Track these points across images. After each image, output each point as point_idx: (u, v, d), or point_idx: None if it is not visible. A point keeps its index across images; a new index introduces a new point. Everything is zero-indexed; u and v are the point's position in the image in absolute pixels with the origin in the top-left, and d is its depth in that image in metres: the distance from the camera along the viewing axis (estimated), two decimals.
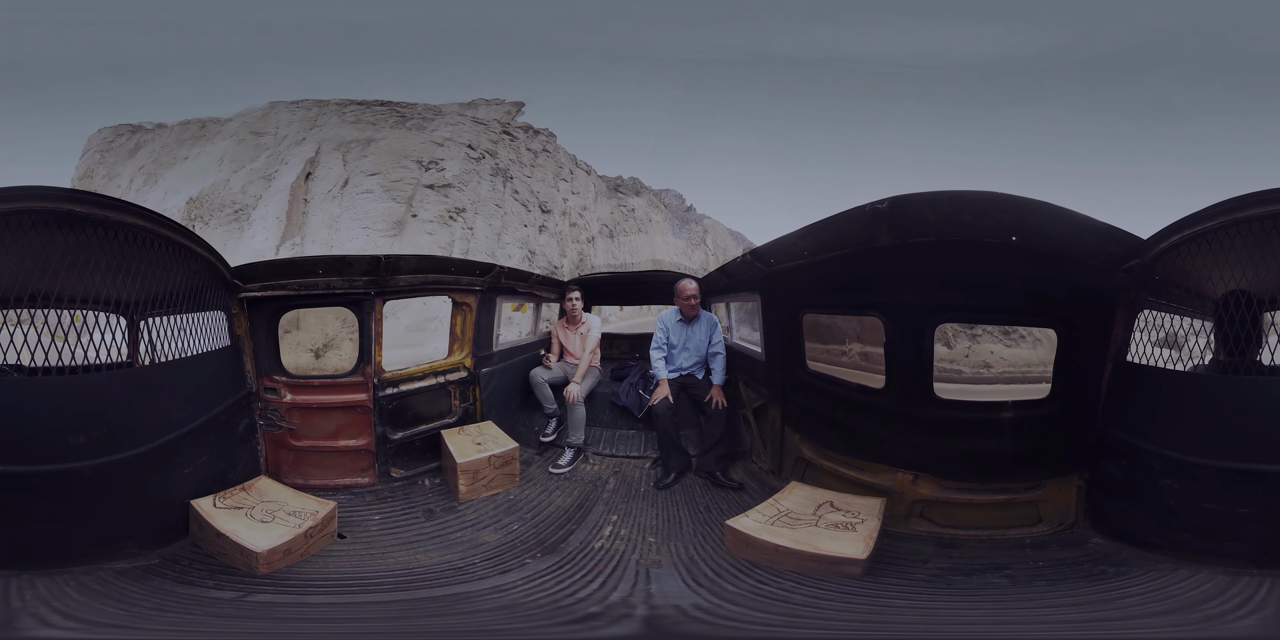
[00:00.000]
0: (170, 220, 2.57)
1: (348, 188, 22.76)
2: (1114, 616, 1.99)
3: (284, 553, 2.55)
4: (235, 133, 26.40)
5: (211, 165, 25.24)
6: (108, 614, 1.97)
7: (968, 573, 2.47)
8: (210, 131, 27.56)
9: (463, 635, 2.12)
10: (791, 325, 3.49)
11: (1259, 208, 2.07)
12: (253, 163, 24.52)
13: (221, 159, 25.26)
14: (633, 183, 39.89)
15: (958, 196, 2.30)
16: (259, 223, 22.00)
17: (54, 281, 2.25)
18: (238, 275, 3.26)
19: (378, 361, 3.70)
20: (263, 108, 27.20)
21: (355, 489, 3.60)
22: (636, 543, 2.96)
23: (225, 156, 25.30)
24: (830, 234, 2.73)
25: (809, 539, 2.57)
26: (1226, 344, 2.33)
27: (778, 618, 2.15)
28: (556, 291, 5.59)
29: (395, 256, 3.57)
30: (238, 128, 26.70)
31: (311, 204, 22.50)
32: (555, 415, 4.63)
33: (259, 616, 2.17)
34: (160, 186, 25.65)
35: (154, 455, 2.48)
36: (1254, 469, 2.06)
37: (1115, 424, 2.55)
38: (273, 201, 22.29)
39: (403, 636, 2.13)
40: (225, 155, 25.38)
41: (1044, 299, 2.62)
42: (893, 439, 2.91)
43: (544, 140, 30.08)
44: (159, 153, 27.80)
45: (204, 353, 2.94)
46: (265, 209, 22.23)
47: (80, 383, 2.32)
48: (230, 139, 26.17)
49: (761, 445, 3.92)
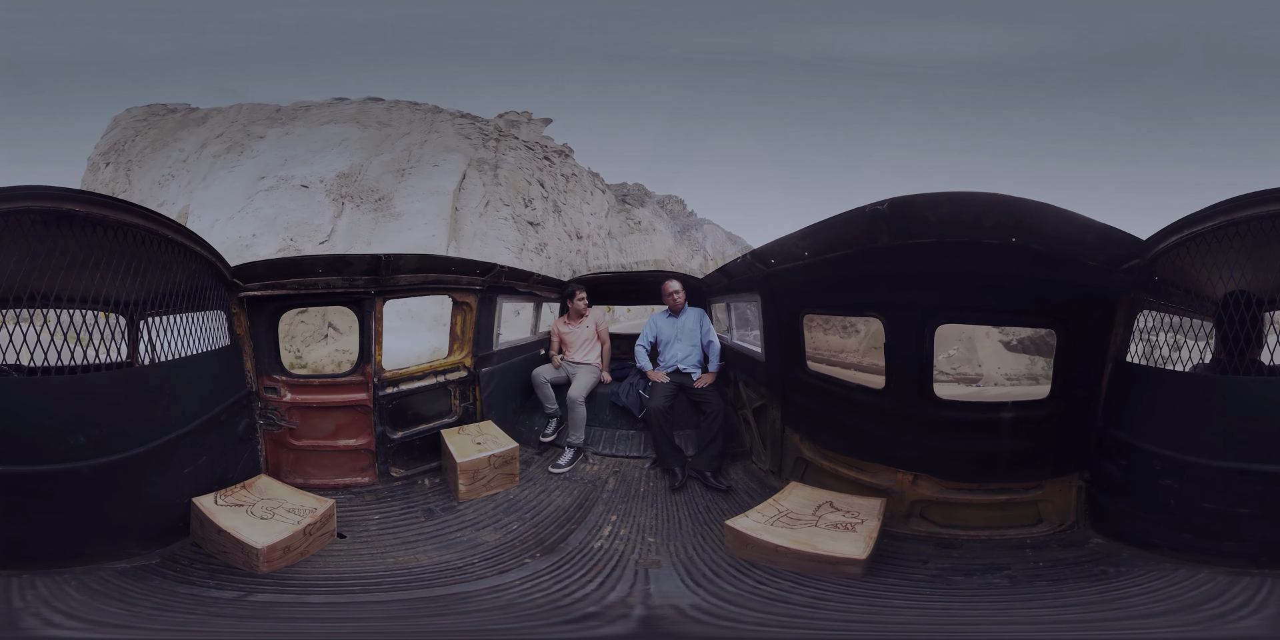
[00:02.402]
0: (170, 220, 2.57)
1: (489, 208, 25.21)
2: (1114, 617, 1.99)
3: (284, 550, 2.55)
4: (354, 118, 27.25)
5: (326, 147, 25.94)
6: (109, 614, 1.97)
7: (968, 573, 2.47)
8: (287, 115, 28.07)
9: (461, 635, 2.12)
10: (792, 325, 3.49)
11: (1258, 208, 2.07)
12: (379, 155, 25.49)
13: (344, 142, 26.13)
14: (637, 190, 40.46)
15: (958, 197, 2.30)
16: (412, 218, 23.32)
17: (54, 281, 2.25)
18: (237, 275, 3.26)
19: (378, 361, 3.71)
20: (387, 102, 28.23)
21: (355, 488, 3.60)
22: (636, 543, 2.96)
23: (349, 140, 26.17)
24: (831, 234, 2.73)
25: (809, 539, 2.57)
26: (1226, 344, 2.33)
27: (776, 618, 2.15)
28: (557, 291, 5.59)
29: (395, 255, 3.57)
30: (354, 113, 27.56)
31: (461, 214, 24.43)
32: (556, 415, 4.64)
33: (259, 616, 2.18)
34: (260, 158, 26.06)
35: (154, 455, 2.49)
36: (1254, 469, 2.05)
37: (1115, 424, 2.55)
38: (430, 201, 23.85)
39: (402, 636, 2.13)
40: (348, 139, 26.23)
41: (1044, 299, 2.62)
42: (893, 439, 2.91)
43: (573, 164, 31.64)
44: (225, 127, 28.12)
45: (204, 352, 2.94)
46: (419, 206, 23.66)
47: (80, 383, 2.32)
48: (352, 124, 26.97)
49: (761, 445, 3.91)
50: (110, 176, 28.56)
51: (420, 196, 24.02)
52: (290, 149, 25.97)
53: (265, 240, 22.63)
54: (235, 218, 23.47)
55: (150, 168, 27.51)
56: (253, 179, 24.77)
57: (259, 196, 23.95)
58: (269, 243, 22.48)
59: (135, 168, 28.07)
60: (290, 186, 24.23)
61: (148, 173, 27.40)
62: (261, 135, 26.96)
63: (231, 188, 24.59)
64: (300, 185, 24.23)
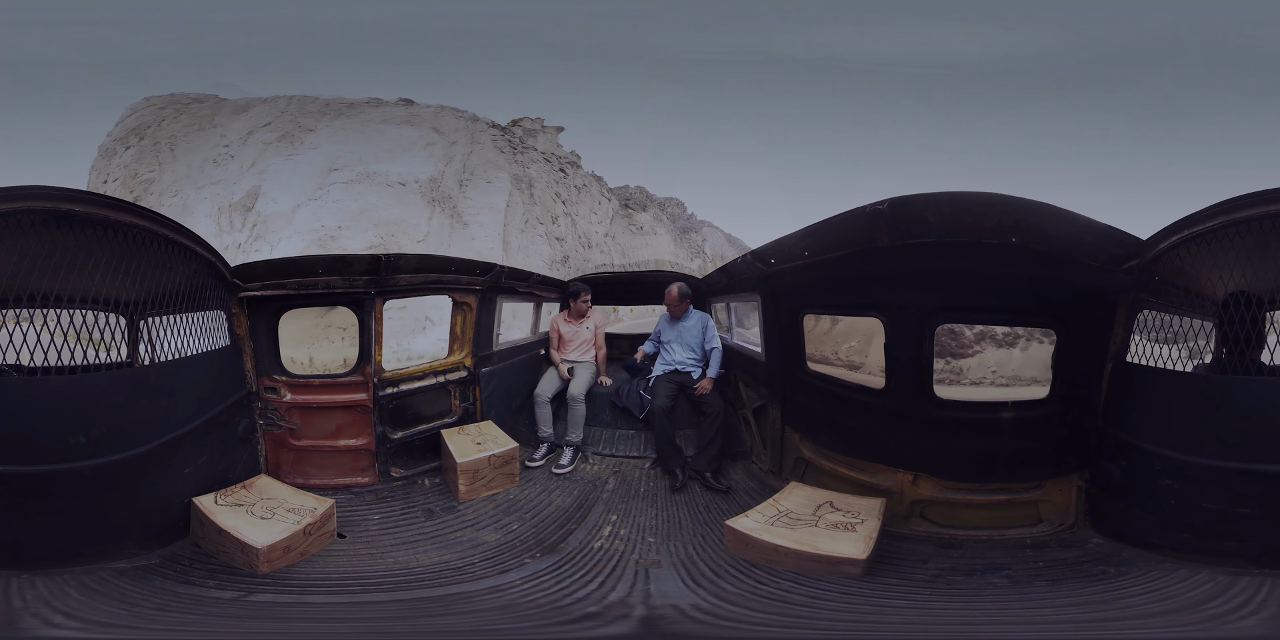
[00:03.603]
0: (170, 220, 2.57)
1: (528, 225, 26.59)
2: (1114, 617, 1.99)
3: (284, 550, 2.55)
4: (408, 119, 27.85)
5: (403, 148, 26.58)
6: (110, 614, 1.97)
7: (968, 573, 2.47)
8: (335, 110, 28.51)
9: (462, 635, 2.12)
10: (792, 325, 3.49)
11: (1258, 208, 2.07)
12: (450, 163, 26.46)
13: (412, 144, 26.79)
14: (639, 193, 40.95)
15: (958, 197, 2.30)
16: (476, 229, 24.70)
17: (54, 281, 2.25)
18: (237, 275, 3.26)
19: (378, 361, 3.71)
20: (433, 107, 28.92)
21: (355, 488, 3.60)
22: (636, 543, 2.96)
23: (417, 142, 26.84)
24: (831, 234, 2.73)
25: (809, 539, 2.57)
26: (1226, 344, 2.33)
27: (776, 618, 2.15)
28: (556, 291, 5.59)
29: (396, 255, 3.57)
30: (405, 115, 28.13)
31: (508, 230, 25.66)
32: (548, 439, 4.46)
33: (260, 616, 2.18)
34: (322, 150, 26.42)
35: (154, 455, 2.49)
36: (1254, 469, 2.05)
37: (1115, 424, 2.55)
38: (488, 216, 25.28)
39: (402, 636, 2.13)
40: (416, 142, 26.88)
41: (1044, 299, 2.62)
42: (893, 439, 2.91)
43: (584, 175, 32.64)
44: (273, 117, 28.48)
45: (204, 352, 2.94)
46: (481, 219, 25.05)
47: (80, 383, 2.32)
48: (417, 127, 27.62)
49: (761, 445, 3.91)
50: (133, 158, 28.75)
51: (479, 210, 25.26)
52: (350, 143, 26.43)
53: (352, 234, 23.13)
54: (310, 205, 23.82)
55: (189, 150, 27.88)
56: (321, 169, 25.18)
57: (336, 188, 24.43)
58: (357, 237, 22.99)
59: (166, 150, 28.31)
60: (375, 182, 24.70)
61: (187, 154, 27.70)
62: (312, 128, 27.45)
63: (296, 175, 24.96)
64: (395, 182, 24.75)
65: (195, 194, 26.06)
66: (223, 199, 25.41)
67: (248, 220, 24.49)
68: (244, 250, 23.43)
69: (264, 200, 24.35)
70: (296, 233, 23.24)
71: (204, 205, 25.54)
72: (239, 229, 24.43)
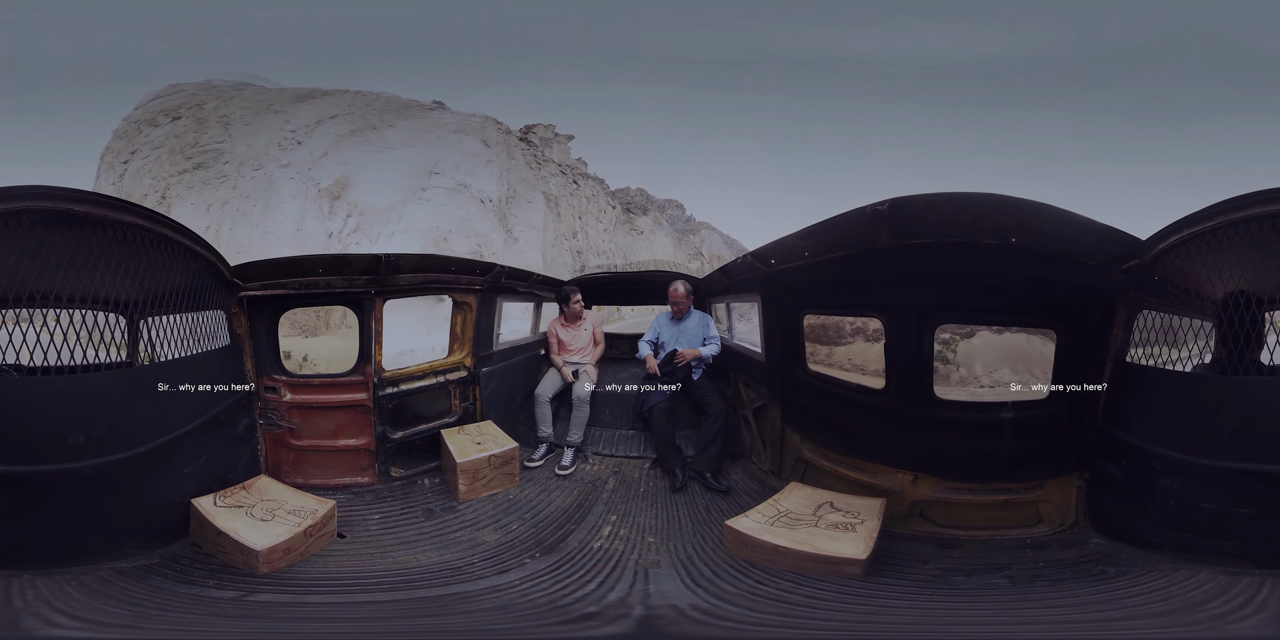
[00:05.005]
0: (170, 220, 2.57)
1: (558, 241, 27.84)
2: (1115, 617, 1.99)
3: (284, 551, 2.55)
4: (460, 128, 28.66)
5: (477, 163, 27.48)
6: (110, 614, 1.97)
7: (968, 573, 2.47)
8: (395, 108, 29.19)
9: (461, 635, 2.12)
10: (792, 326, 3.49)
11: (1258, 208, 2.07)
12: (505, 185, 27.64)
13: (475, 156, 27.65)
14: (639, 196, 41.24)
15: (957, 198, 2.30)
16: (523, 244, 25.88)
17: (54, 281, 2.26)
18: (237, 274, 3.27)
19: (378, 361, 3.71)
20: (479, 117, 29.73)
21: (355, 488, 3.60)
22: (635, 543, 2.96)
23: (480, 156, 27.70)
24: (830, 235, 2.73)
25: (809, 539, 2.57)
26: (1226, 344, 2.33)
27: (776, 618, 2.15)
28: (557, 291, 5.59)
29: (396, 255, 3.57)
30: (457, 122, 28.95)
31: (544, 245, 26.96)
32: (547, 440, 4.46)
33: (260, 616, 2.18)
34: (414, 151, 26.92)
35: (154, 455, 2.49)
36: (1254, 469, 2.05)
37: (1115, 424, 2.55)
38: (529, 234, 26.45)
39: (402, 636, 2.14)
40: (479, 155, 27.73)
41: (1043, 300, 2.62)
42: (893, 439, 2.91)
43: (592, 185, 33.44)
44: (342, 109, 28.79)
45: (204, 352, 2.94)
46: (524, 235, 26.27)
47: (80, 383, 2.32)
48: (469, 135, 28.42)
49: (761, 445, 3.92)
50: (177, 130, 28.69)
51: (524, 228, 26.35)
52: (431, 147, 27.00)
53: (458, 240, 23.80)
54: (415, 204, 24.33)
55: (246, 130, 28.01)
56: (419, 173, 25.66)
57: (440, 193, 25.11)
58: (461, 243, 23.65)
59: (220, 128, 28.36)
60: (471, 195, 25.57)
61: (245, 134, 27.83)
62: (389, 125, 27.93)
63: (388, 172, 25.38)
64: (486, 199, 25.85)
65: (279, 172, 26.00)
66: (308, 183, 25.48)
67: (336, 209, 24.60)
68: (339, 240, 23.55)
69: (356, 191, 24.61)
70: (407, 230, 23.74)
71: (289, 186, 25.57)
72: (328, 216, 24.52)
